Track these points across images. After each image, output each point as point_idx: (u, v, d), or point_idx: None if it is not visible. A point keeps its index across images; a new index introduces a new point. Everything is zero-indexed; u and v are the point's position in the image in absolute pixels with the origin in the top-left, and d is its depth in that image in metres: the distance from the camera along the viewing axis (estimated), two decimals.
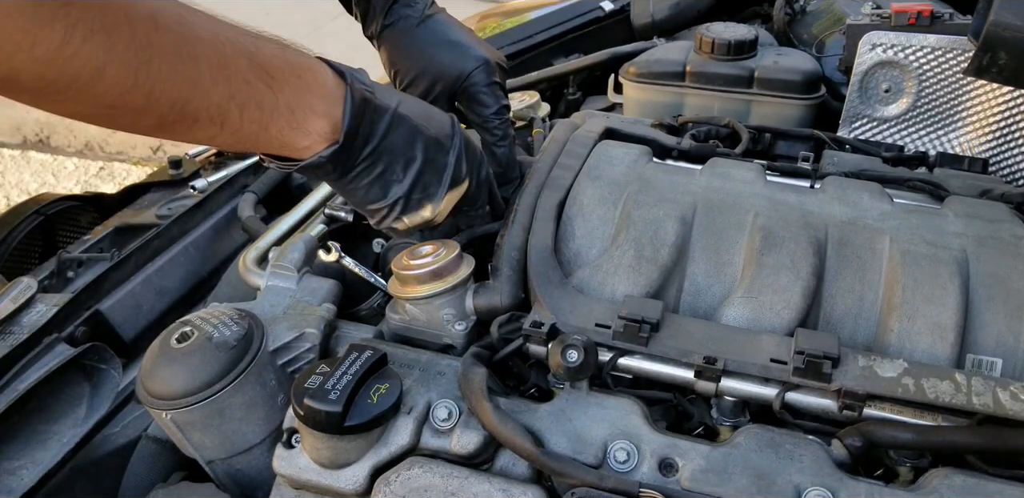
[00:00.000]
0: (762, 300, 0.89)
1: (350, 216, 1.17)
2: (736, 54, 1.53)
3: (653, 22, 1.96)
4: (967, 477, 0.75)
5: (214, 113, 0.69)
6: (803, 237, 0.94)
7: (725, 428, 0.86)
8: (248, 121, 0.71)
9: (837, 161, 1.21)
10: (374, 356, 0.79)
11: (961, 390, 0.79)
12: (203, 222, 1.38)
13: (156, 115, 0.65)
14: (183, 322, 0.88)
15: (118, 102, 0.62)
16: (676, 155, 1.22)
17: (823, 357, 0.80)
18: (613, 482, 0.74)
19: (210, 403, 0.83)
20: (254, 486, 0.92)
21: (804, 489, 0.74)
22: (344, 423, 0.75)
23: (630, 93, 1.61)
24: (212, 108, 0.68)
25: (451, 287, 0.92)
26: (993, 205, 1.07)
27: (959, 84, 1.34)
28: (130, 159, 4.27)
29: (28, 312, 1.06)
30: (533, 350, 0.87)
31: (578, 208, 1.01)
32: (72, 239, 1.43)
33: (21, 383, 0.96)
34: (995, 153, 1.36)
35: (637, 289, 0.92)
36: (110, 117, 0.65)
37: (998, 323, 0.88)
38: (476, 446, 0.80)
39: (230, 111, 0.69)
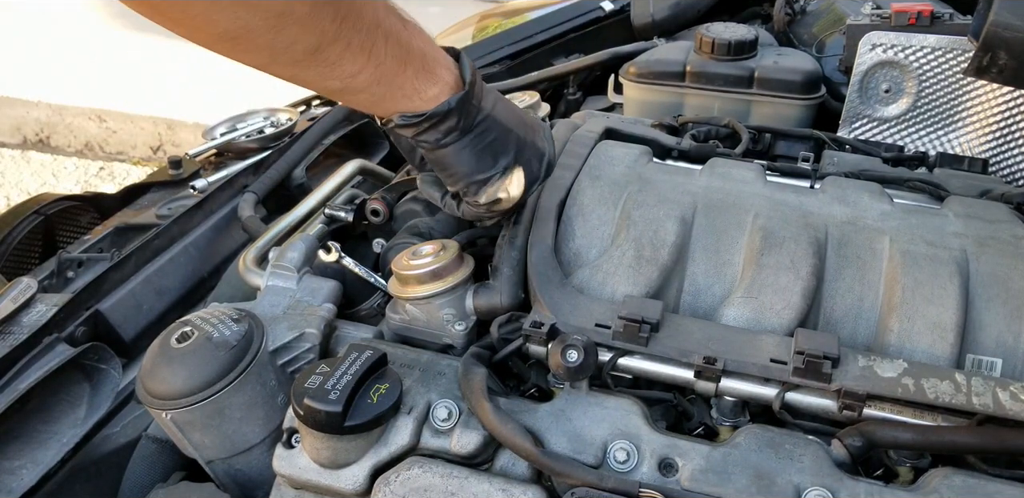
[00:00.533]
0: (762, 300, 0.89)
1: (350, 216, 1.17)
2: (736, 54, 1.53)
3: (653, 22, 1.96)
4: (967, 477, 0.75)
5: (364, 37, 0.72)
6: (803, 237, 0.94)
7: (725, 428, 0.86)
8: (390, 55, 0.75)
9: (837, 161, 1.21)
10: (374, 356, 0.79)
11: (961, 390, 0.79)
12: (203, 222, 1.38)
13: (318, 31, 0.68)
14: (183, 322, 0.88)
15: (286, 8, 0.65)
16: (676, 155, 1.22)
17: (823, 357, 0.80)
18: (613, 482, 0.74)
19: (210, 403, 0.83)
20: (254, 486, 0.92)
21: (804, 489, 0.74)
22: (344, 423, 0.75)
23: (630, 93, 1.61)
24: (364, 30, 0.71)
25: (451, 287, 0.92)
26: (993, 205, 1.07)
27: (959, 84, 1.34)
28: (130, 159, 4.27)
29: (28, 312, 1.06)
30: (533, 350, 0.87)
31: (578, 208, 1.01)
32: (72, 239, 1.42)
33: (21, 383, 0.96)
34: (995, 153, 1.36)
35: (637, 289, 0.92)
36: (277, 28, 0.67)
37: (998, 323, 0.88)
38: (476, 446, 0.80)
39: (377, 38, 0.73)
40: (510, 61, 1.96)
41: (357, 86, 0.76)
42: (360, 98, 0.79)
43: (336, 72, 0.74)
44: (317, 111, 1.77)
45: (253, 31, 0.66)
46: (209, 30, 0.66)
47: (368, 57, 0.73)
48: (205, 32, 0.66)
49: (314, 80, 0.76)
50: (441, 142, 0.83)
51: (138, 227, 1.37)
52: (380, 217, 1.17)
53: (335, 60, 0.72)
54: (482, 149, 0.85)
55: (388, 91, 0.78)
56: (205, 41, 0.68)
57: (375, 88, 0.77)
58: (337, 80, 0.75)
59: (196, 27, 0.65)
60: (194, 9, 0.63)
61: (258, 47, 0.69)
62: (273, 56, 0.70)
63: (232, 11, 0.64)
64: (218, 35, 0.66)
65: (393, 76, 0.77)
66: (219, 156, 1.56)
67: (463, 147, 0.84)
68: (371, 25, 0.73)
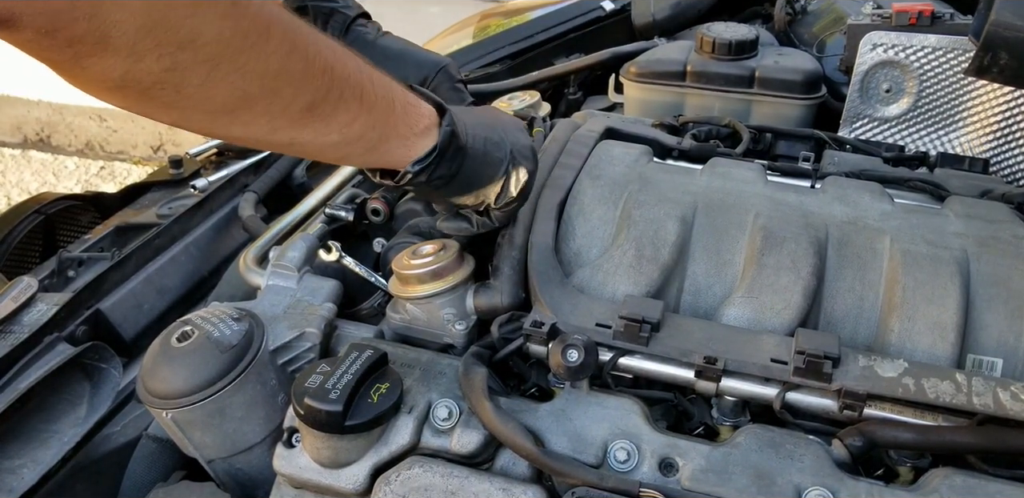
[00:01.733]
0: (763, 300, 0.89)
1: (351, 215, 1.17)
2: (737, 54, 1.53)
3: (654, 22, 1.96)
4: (967, 477, 0.75)
5: (354, 84, 0.72)
6: (804, 237, 0.94)
7: (725, 428, 0.86)
8: (379, 96, 0.75)
9: (838, 161, 1.21)
10: (374, 356, 0.79)
11: (961, 390, 0.79)
12: (204, 221, 1.38)
13: (310, 88, 0.68)
14: (184, 321, 0.88)
15: (282, 68, 0.65)
16: (677, 155, 1.22)
17: (823, 357, 0.80)
18: (613, 482, 0.74)
19: (211, 402, 0.83)
20: (254, 485, 0.92)
21: (804, 489, 0.74)
22: (344, 422, 0.75)
23: (631, 93, 1.61)
24: (350, 76, 0.72)
25: (451, 287, 0.92)
26: (994, 205, 1.07)
27: (960, 84, 1.34)
28: (131, 159, 4.27)
29: (29, 311, 1.06)
30: (533, 350, 0.87)
31: (579, 208, 1.01)
32: (72, 238, 1.42)
33: (22, 382, 0.96)
34: (996, 153, 1.36)
35: (638, 289, 0.92)
36: (274, 91, 0.66)
37: (999, 323, 0.88)
38: (476, 445, 0.80)
39: (363, 82, 0.73)
40: (511, 61, 1.95)
41: (354, 134, 0.75)
42: (357, 147, 0.78)
43: (332, 125, 0.73)
44: None
45: (251, 99, 0.65)
46: (206, 106, 0.64)
47: (360, 103, 0.73)
48: (202, 110, 0.65)
49: (312, 139, 0.74)
50: (453, 169, 0.83)
51: (139, 226, 1.37)
52: (380, 216, 1.17)
53: (330, 113, 0.72)
54: (485, 155, 0.86)
55: (383, 134, 0.77)
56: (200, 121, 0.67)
57: (371, 133, 0.76)
58: (335, 133, 0.74)
59: (192, 106, 0.63)
60: (188, 88, 0.61)
61: (255, 116, 0.68)
62: (271, 123, 0.69)
63: (229, 82, 0.63)
64: (215, 110, 0.65)
65: (386, 117, 0.77)
66: (220, 155, 1.56)
67: (471, 163, 0.85)
68: (355, 72, 0.72)
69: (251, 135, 0.71)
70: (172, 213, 1.38)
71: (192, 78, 0.60)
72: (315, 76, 0.68)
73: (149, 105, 0.62)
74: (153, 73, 0.58)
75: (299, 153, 0.79)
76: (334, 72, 0.70)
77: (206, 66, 0.60)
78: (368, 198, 1.19)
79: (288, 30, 0.65)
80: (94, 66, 0.56)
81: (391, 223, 1.19)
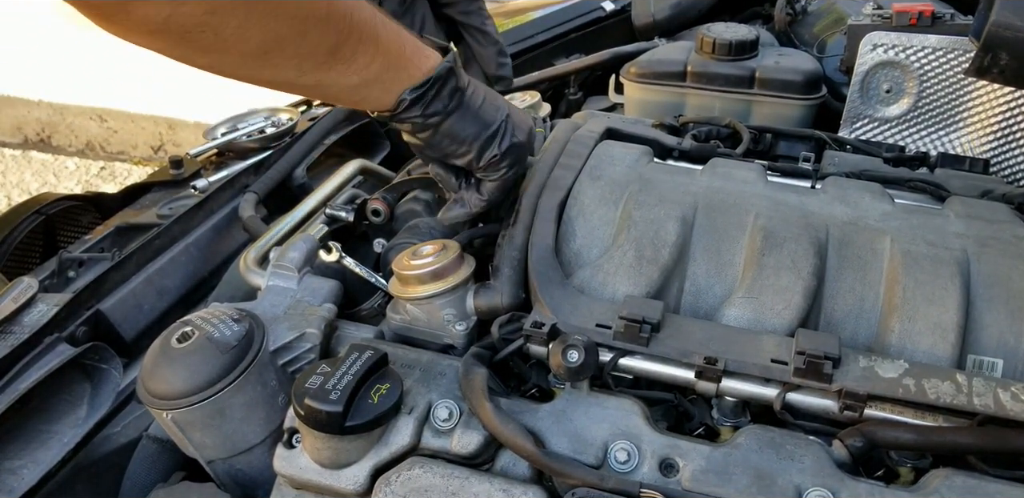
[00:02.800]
0: (763, 300, 0.89)
1: (351, 216, 1.17)
2: (737, 54, 1.53)
3: (654, 22, 1.96)
4: (968, 478, 0.75)
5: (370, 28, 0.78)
6: (804, 237, 0.94)
7: (726, 428, 0.86)
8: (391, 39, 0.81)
9: (838, 161, 1.21)
10: (375, 356, 0.79)
11: (962, 391, 0.79)
12: (204, 222, 1.38)
13: (335, 30, 0.74)
14: (184, 322, 0.88)
15: (310, 11, 0.70)
16: (677, 155, 1.22)
17: (824, 357, 0.80)
18: (614, 482, 0.74)
19: (211, 403, 0.83)
20: (255, 486, 0.92)
21: (805, 489, 0.74)
22: (345, 423, 0.75)
23: (631, 93, 1.61)
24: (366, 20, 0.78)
25: (452, 287, 0.92)
26: (994, 206, 1.07)
27: (960, 85, 1.34)
28: (131, 159, 4.27)
29: (29, 312, 1.06)
30: (534, 350, 0.86)
31: (579, 208, 1.01)
32: (73, 239, 1.42)
33: (22, 383, 0.96)
34: (996, 153, 1.36)
35: (638, 289, 0.92)
36: (302, 33, 0.71)
37: (999, 324, 0.88)
38: (477, 446, 0.80)
39: (377, 26, 0.79)
40: (511, 61, 1.95)
41: (372, 75, 0.81)
42: (375, 90, 0.83)
43: (354, 67, 0.78)
44: (318, 111, 1.77)
45: (283, 41, 0.70)
46: (241, 48, 0.69)
47: (376, 46, 0.79)
48: (237, 52, 0.69)
49: (336, 81, 0.80)
50: (448, 108, 0.87)
51: (139, 227, 1.37)
52: (381, 217, 1.17)
53: (351, 55, 0.77)
54: (480, 106, 0.91)
55: (396, 75, 0.83)
56: (234, 64, 0.72)
57: (386, 75, 0.82)
58: (356, 75, 0.79)
59: (228, 48, 0.68)
60: (227, 30, 0.65)
61: (286, 58, 0.73)
62: (300, 66, 0.74)
63: (263, 23, 0.67)
64: (249, 52, 0.70)
65: (398, 58, 0.82)
66: (220, 156, 1.56)
67: (467, 108, 0.90)
68: (369, 16, 0.77)
69: (280, 78, 0.77)
70: (172, 213, 1.38)
71: (231, 20, 0.65)
72: (338, 20, 0.73)
73: (187, 48, 0.67)
74: (195, 16, 0.62)
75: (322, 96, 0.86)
76: (352, 17, 0.75)
77: (243, 8, 0.65)
78: (368, 199, 1.19)
79: None
80: (138, 10, 0.60)
81: (391, 224, 1.19)
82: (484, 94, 0.93)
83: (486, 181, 0.96)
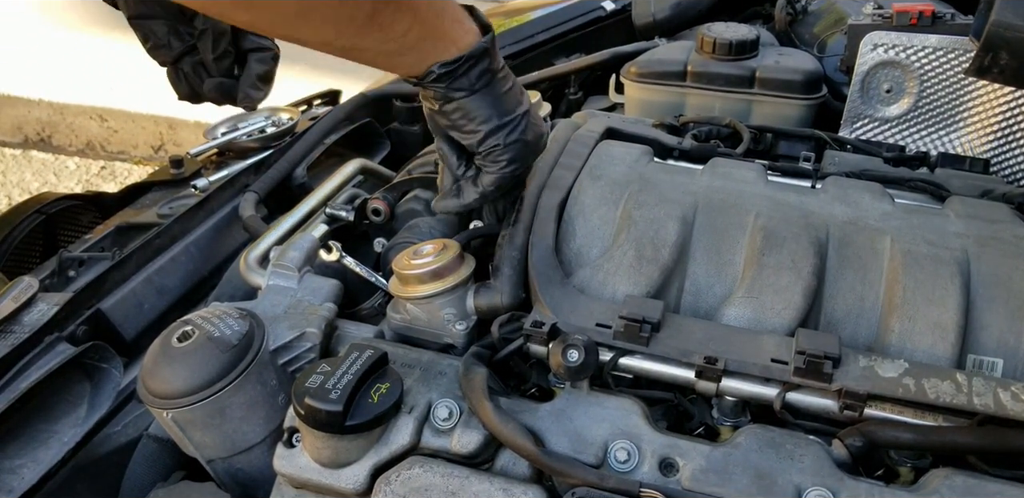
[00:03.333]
0: (763, 300, 0.89)
1: (351, 215, 1.17)
2: (737, 54, 1.53)
3: (654, 22, 1.96)
4: (968, 477, 0.75)
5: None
6: (804, 237, 0.94)
7: (726, 428, 0.86)
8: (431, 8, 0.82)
9: (838, 161, 1.21)
10: (375, 356, 0.79)
11: (962, 390, 0.79)
12: (204, 221, 1.38)
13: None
14: (184, 321, 0.88)
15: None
16: (677, 155, 1.22)
17: (824, 357, 0.80)
18: (614, 482, 0.74)
19: (211, 402, 0.83)
20: (255, 485, 0.92)
21: (805, 489, 0.74)
22: (345, 422, 0.75)
23: (631, 93, 1.61)
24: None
25: (452, 287, 0.92)
26: (994, 205, 1.07)
27: (960, 84, 1.34)
28: (131, 159, 4.27)
29: (29, 311, 1.06)
30: (534, 350, 0.87)
31: (579, 208, 1.01)
32: (73, 238, 1.42)
33: (22, 382, 0.96)
34: (996, 153, 1.36)
35: (638, 289, 0.92)
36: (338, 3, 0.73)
37: (999, 323, 0.88)
38: (477, 446, 0.80)
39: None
40: (511, 61, 1.95)
41: (409, 44, 0.81)
42: (409, 58, 0.84)
43: (391, 34, 0.79)
44: (318, 110, 1.77)
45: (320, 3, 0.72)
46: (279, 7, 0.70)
47: (414, 14, 0.79)
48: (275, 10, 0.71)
49: (372, 46, 0.81)
50: (474, 86, 0.88)
51: (139, 226, 1.37)
52: (381, 216, 1.17)
53: (389, 22, 0.78)
54: (504, 93, 0.91)
55: (433, 45, 0.84)
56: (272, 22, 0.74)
57: (423, 44, 0.83)
58: (393, 41, 0.80)
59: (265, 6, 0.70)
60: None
61: (325, 20, 0.74)
62: (337, 28, 0.76)
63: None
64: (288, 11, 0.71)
65: (434, 29, 0.83)
66: (220, 155, 1.56)
67: (491, 91, 0.90)
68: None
69: (317, 38, 0.78)
70: (173, 213, 1.37)
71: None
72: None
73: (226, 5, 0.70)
74: None
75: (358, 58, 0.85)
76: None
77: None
78: (369, 198, 1.19)
79: None
80: None
81: (391, 223, 1.19)
82: (512, 83, 0.93)
83: (484, 172, 0.95)
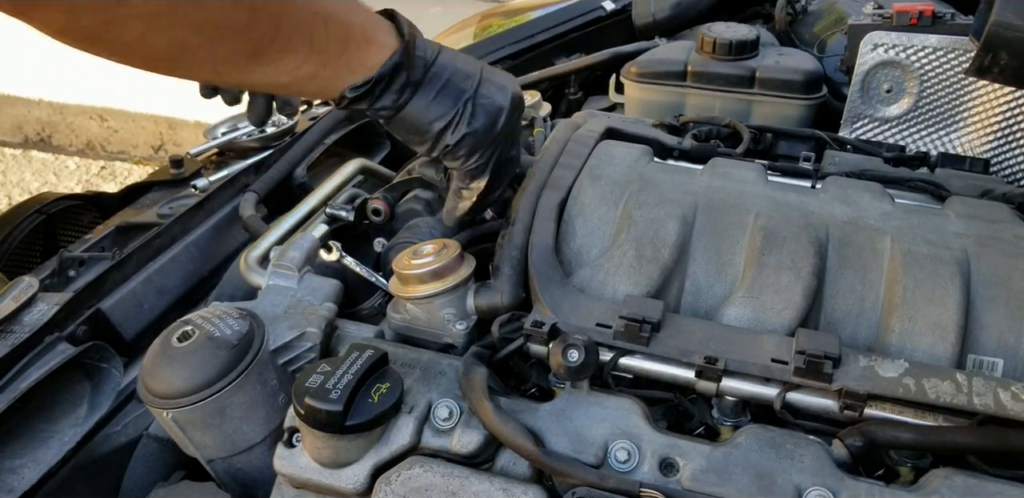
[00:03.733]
0: (763, 300, 0.89)
1: (351, 215, 1.17)
2: (737, 54, 1.53)
3: (654, 22, 1.96)
4: (968, 477, 0.75)
5: (303, 30, 0.72)
6: (804, 237, 0.94)
7: (726, 428, 0.86)
8: (332, 38, 0.76)
9: (838, 161, 1.21)
10: (375, 355, 0.79)
11: (962, 390, 0.79)
12: (204, 221, 1.38)
13: (255, 36, 0.68)
14: (184, 321, 0.88)
15: (223, 19, 0.65)
16: (677, 155, 1.22)
17: (824, 357, 0.80)
18: (614, 482, 0.74)
19: (211, 402, 0.83)
20: (255, 485, 0.92)
21: (805, 489, 0.74)
22: (345, 422, 0.75)
23: (631, 93, 1.61)
24: (301, 22, 0.72)
25: (452, 287, 0.92)
26: (994, 205, 1.07)
27: (961, 84, 1.34)
28: (131, 158, 4.27)
29: (29, 311, 1.06)
30: (534, 350, 0.87)
31: (579, 208, 1.01)
32: (73, 238, 1.42)
33: (22, 382, 0.96)
34: (996, 153, 1.36)
35: (638, 289, 0.92)
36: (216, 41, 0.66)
37: (999, 323, 0.88)
38: (477, 445, 0.80)
39: (316, 26, 0.73)
40: (511, 61, 1.95)
41: (305, 75, 0.76)
42: (311, 86, 0.79)
43: (282, 68, 0.74)
44: (318, 110, 1.77)
45: (190, 48, 0.66)
46: (147, 55, 0.65)
47: (309, 47, 0.74)
48: (143, 56, 0.66)
49: (264, 81, 0.75)
50: (399, 102, 0.83)
51: (139, 226, 1.37)
52: (381, 216, 1.17)
53: (276, 59, 0.72)
54: (439, 93, 0.85)
55: (335, 72, 0.78)
56: (143, 65, 0.67)
57: (323, 72, 0.77)
58: (286, 75, 0.75)
59: (132, 53, 0.65)
60: (128, 35, 0.62)
61: (200, 62, 0.68)
62: (216, 68, 0.70)
63: (169, 32, 0.63)
64: (156, 57, 0.66)
65: (337, 57, 0.77)
66: (220, 155, 1.56)
67: (421, 98, 0.84)
68: (308, 15, 0.73)
69: (196, 77, 0.73)
70: (173, 213, 1.38)
71: (131, 31, 0.61)
72: (259, 24, 0.68)
73: (93, 50, 0.64)
74: (92, 26, 0.60)
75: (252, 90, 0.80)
76: (281, 20, 0.70)
77: (143, 20, 0.61)
78: (369, 198, 1.19)
79: None
80: (36, 17, 0.58)
81: (392, 223, 1.19)
82: (447, 76, 0.86)
83: (455, 174, 0.92)
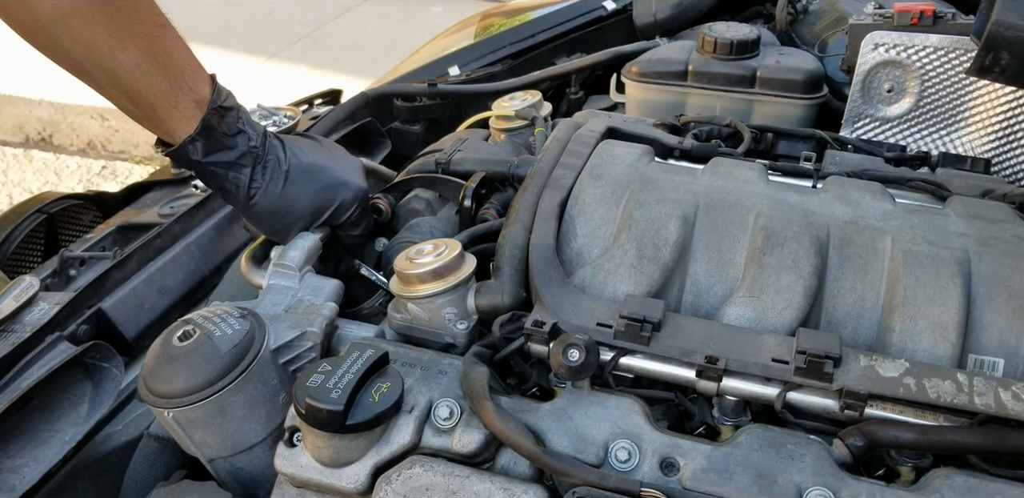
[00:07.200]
0: (764, 300, 0.89)
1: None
2: (738, 54, 1.53)
3: (655, 21, 1.96)
4: (968, 477, 0.75)
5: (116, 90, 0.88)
6: (805, 237, 0.94)
7: (726, 428, 0.86)
8: (144, 103, 0.89)
9: (839, 161, 1.21)
10: (376, 355, 0.80)
11: (963, 390, 0.79)
12: (205, 221, 1.38)
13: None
14: (185, 321, 0.88)
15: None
16: (678, 155, 1.22)
17: (825, 357, 0.80)
18: (614, 481, 0.74)
19: (212, 401, 0.83)
20: (255, 484, 0.92)
21: (805, 489, 0.74)
22: (345, 422, 0.75)
23: (632, 92, 1.61)
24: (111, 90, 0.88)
25: (453, 286, 0.92)
26: (995, 205, 1.07)
27: (961, 84, 1.34)
28: (132, 158, 4.27)
29: (30, 310, 1.06)
30: (535, 349, 0.87)
31: (580, 207, 1.01)
32: (74, 238, 1.43)
33: (23, 381, 0.96)
34: (997, 153, 1.36)
35: (639, 288, 0.92)
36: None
37: (1000, 323, 0.88)
38: (477, 445, 0.80)
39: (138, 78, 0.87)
40: (512, 60, 1.95)
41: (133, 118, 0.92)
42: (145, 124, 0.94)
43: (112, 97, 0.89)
44: (319, 110, 1.77)
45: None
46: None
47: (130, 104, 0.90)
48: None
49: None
50: (201, 162, 0.94)
51: (140, 226, 1.37)
52: (382, 216, 1.17)
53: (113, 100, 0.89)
54: (239, 156, 0.95)
55: (153, 126, 0.93)
56: None
57: (145, 122, 0.92)
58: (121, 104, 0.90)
59: None
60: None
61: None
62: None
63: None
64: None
65: (152, 121, 0.92)
66: None
67: (223, 157, 0.95)
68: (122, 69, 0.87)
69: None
70: (174, 212, 1.38)
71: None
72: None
73: None
74: None
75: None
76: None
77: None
78: (370, 197, 1.19)
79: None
80: None
81: (393, 222, 1.19)
82: (248, 138, 0.96)
83: None
